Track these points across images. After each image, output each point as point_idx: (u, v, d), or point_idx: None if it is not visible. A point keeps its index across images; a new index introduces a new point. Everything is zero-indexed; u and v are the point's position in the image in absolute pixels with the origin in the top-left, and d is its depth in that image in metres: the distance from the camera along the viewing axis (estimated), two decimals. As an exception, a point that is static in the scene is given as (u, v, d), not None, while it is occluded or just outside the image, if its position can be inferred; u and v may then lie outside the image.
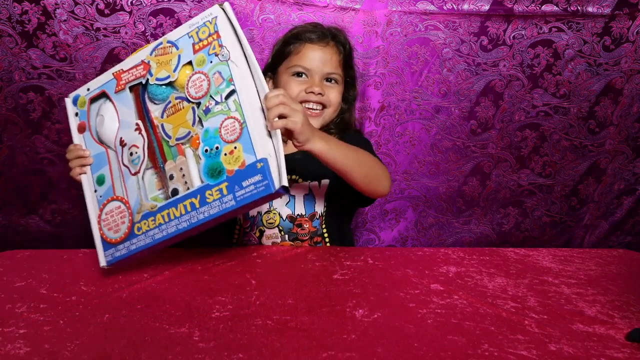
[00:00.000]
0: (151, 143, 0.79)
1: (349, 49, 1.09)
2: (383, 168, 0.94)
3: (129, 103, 0.82)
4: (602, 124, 1.40)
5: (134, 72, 0.81)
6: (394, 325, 0.65)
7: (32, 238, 1.37)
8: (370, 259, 0.90)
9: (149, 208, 0.78)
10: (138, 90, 0.81)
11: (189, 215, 0.74)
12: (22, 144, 1.28)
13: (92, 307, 0.70)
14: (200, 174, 0.74)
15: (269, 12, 1.25)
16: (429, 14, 1.28)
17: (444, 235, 1.50)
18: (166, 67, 0.78)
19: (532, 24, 1.29)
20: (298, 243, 1.04)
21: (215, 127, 0.73)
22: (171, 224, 0.75)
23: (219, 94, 0.73)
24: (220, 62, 0.73)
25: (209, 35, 0.74)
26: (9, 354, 0.58)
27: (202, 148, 0.74)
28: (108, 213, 0.81)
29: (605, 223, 1.53)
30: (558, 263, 0.92)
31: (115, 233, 0.80)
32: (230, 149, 0.72)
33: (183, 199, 0.75)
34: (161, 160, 0.78)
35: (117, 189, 0.82)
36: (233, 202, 0.71)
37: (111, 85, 0.84)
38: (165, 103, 0.79)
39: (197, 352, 0.58)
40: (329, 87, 1.03)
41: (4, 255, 0.91)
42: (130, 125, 0.81)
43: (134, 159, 0.80)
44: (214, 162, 0.73)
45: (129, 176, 0.81)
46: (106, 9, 1.19)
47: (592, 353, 0.60)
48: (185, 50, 0.77)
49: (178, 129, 0.77)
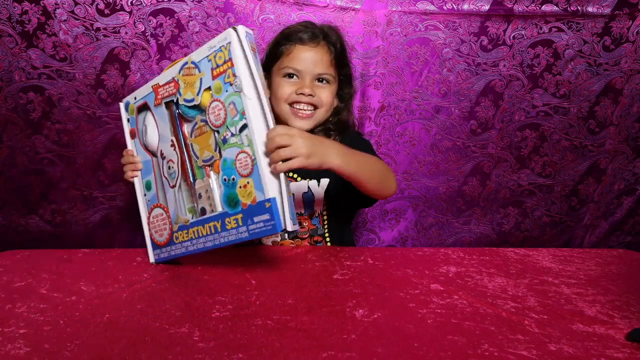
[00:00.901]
0: (184, 160, 0.82)
1: (342, 46, 1.07)
2: (389, 171, 0.95)
3: (165, 118, 0.84)
4: (602, 124, 1.40)
5: (168, 88, 0.83)
6: (394, 325, 0.65)
7: (32, 238, 1.37)
8: (370, 259, 0.90)
9: (183, 221, 0.82)
10: (172, 107, 0.83)
11: (212, 236, 0.78)
12: (22, 144, 1.28)
13: (92, 307, 0.70)
14: (221, 201, 0.77)
15: (269, 12, 1.25)
16: (429, 14, 1.28)
17: (444, 235, 1.50)
18: (191, 89, 0.79)
19: (532, 24, 1.29)
20: (298, 241, 1.04)
21: (231, 159, 0.75)
22: (200, 241, 0.80)
23: (234, 125, 0.74)
24: (234, 93, 0.73)
25: (224, 62, 0.73)
26: (9, 354, 0.58)
27: (222, 177, 0.76)
28: (155, 217, 0.87)
29: (605, 223, 1.53)
30: (558, 263, 0.92)
31: (160, 237, 0.86)
32: (244, 183, 0.73)
33: (209, 220, 0.78)
34: (192, 178, 0.81)
35: (160, 197, 0.86)
36: (246, 234, 0.74)
37: (151, 98, 0.86)
38: (194, 123, 0.80)
39: (197, 352, 0.58)
40: (321, 87, 1.02)
41: (4, 255, 0.91)
42: (167, 140, 0.84)
43: (171, 172, 0.84)
44: (231, 192, 0.75)
45: (168, 188, 0.85)
46: (106, 9, 1.19)
47: (592, 353, 0.60)
48: (206, 74, 0.77)
49: (204, 151, 0.79)
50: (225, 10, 1.24)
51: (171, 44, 1.25)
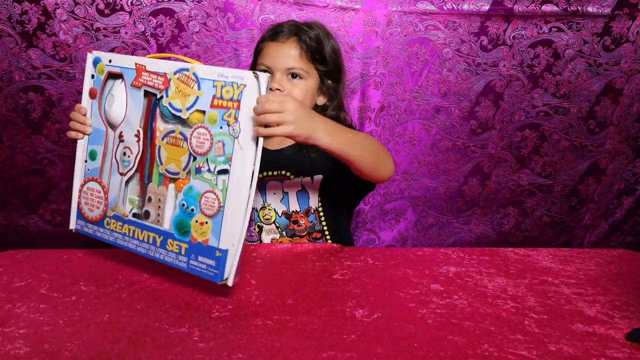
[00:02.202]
0: (144, 157, 0.77)
1: (319, 42, 1.02)
2: (385, 151, 0.93)
3: (139, 105, 0.78)
4: (602, 124, 1.40)
5: (154, 79, 0.76)
6: (393, 326, 0.65)
7: (32, 238, 1.37)
8: (370, 259, 0.90)
9: (121, 213, 0.79)
10: (151, 100, 0.77)
11: (148, 246, 0.76)
12: (22, 144, 1.28)
13: (92, 307, 0.70)
14: (171, 221, 0.74)
15: (269, 12, 1.25)
16: (429, 14, 1.28)
17: (444, 235, 1.50)
18: (182, 99, 0.74)
19: (532, 24, 1.29)
20: (296, 239, 1.04)
21: (198, 191, 0.72)
22: (132, 241, 0.77)
23: (214, 163, 0.71)
24: (228, 135, 0.70)
25: (230, 100, 0.70)
26: (9, 354, 0.58)
27: (181, 200, 0.73)
28: (89, 189, 0.82)
29: (605, 223, 1.53)
30: (558, 263, 0.92)
31: (90, 211, 0.82)
32: (203, 220, 0.71)
33: (149, 229, 0.76)
34: (147, 177, 0.77)
35: (104, 174, 0.81)
36: (185, 265, 0.73)
37: (130, 74, 0.79)
38: (170, 129, 0.76)
39: (197, 352, 0.58)
40: (292, 82, 1.00)
41: (4, 255, 0.91)
42: (132, 126, 0.79)
43: (125, 160, 0.79)
44: (185, 220, 0.73)
45: (116, 172, 0.80)
46: (106, 9, 1.19)
47: (592, 353, 0.60)
48: (205, 96, 0.72)
49: (170, 162, 0.75)
50: (225, 10, 1.24)
51: (171, 44, 1.25)
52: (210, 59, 1.27)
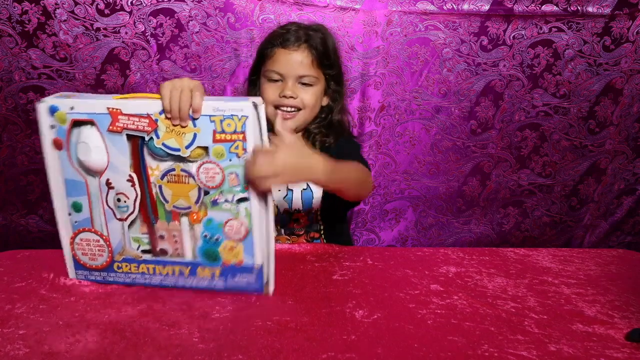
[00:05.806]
0: (144, 199, 0.76)
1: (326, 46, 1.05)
2: (368, 175, 0.95)
3: (123, 150, 0.74)
4: (602, 124, 1.40)
5: (137, 122, 0.72)
6: (393, 326, 0.65)
7: (32, 238, 1.37)
8: (370, 259, 0.90)
9: (133, 255, 0.77)
10: (137, 143, 0.74)
11: (175, 278, 0.77)
12: (22, 144, 1.28)
13: (92, 307, 0.70)
14: (195, 251, 0.75)
15: (269, 12, 1.25)
16: (429, 14, 1.28)
17: (444, 235, 1.50)
18: (177, 138, 0.72)
19: (532, 24, 1.29)
20: (294, 238, 1.04)
21: (220, 221, 0.74)
22: (155, 277, 0.77)
23: (232, 194, 0.72)
24: (240, 165, 0.71)
25: (234, 132, 0.70)
26: (9, 354, 0.58)
27: (203, 232, 0.74)
28: (84, 240, 0.79)
29: (605, 223, 1.53)
30: (558, 263, 0.92)
31: (92, 260, 0.79)
32: (231, 246, 0.74)
33: (172, 263, 0.76)
34: (153, 217, 0.77)
35: (96, 223, 0.78)
36: (222, 285, 0.75)
37: (104, 120, 0.73)
38: (169, 169, 0.74)
39: (197, 353, 0.58)
40: (303, 89, 1.02)
41: (4, 255, 0.91)
42: (121, 173, 0.75)
43: (121, 206, 0.76)
44: (212, 249, 0.75)
45: (113, 219, 0.77)
46: (106, 9, 1.19)
47: (592, 353, 0.60)
48: (204, 133, 0.71)
49: (178, 199, 0.75)
50: (225, 10, 1.24)
51: (171, 44, 1.25)
52: (210, 59, 1.27)
